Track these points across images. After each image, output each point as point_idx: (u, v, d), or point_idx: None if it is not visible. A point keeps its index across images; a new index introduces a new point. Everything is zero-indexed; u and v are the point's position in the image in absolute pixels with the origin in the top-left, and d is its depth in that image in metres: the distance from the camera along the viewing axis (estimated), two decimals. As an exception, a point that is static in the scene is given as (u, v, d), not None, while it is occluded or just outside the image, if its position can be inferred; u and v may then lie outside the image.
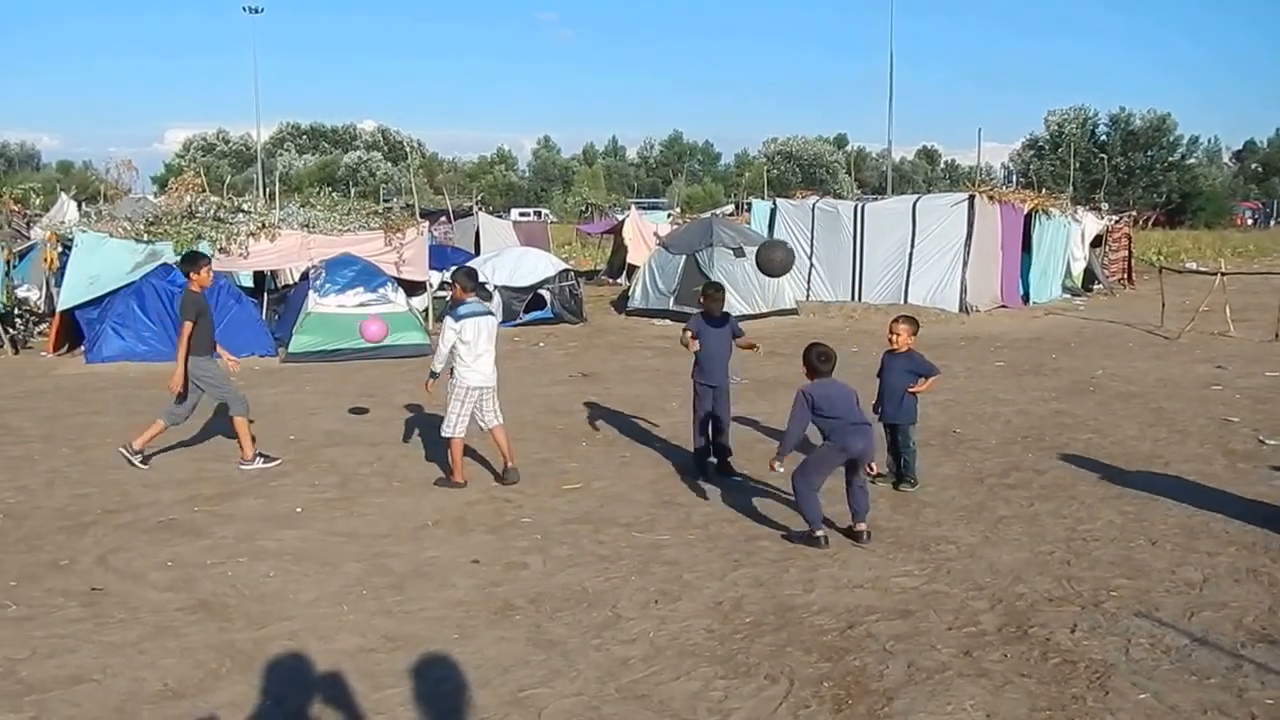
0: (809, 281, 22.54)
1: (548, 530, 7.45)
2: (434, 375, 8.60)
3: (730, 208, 36.08)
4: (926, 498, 8.17)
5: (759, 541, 7.16)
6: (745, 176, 67.37)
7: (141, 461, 9.16)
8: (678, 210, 45.76)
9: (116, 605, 6.01)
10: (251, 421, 9.58)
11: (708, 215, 29.43)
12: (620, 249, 29.87)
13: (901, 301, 20.94)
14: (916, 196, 25.32)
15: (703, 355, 8.91)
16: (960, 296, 20.88)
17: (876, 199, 27.57)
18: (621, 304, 22.65)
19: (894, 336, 8.38)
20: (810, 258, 22.39)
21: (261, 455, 9.35)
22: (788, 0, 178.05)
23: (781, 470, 7.14)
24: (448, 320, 8.49)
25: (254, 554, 6.88)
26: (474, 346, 8.43)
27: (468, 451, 9.04)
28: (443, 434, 8.73)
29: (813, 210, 22.98)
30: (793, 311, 20.80)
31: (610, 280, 29.25)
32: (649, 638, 5.53)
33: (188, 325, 8.98)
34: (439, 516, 7.75)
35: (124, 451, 9.18)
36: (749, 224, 23.52)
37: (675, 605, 6.00)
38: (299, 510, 7.89)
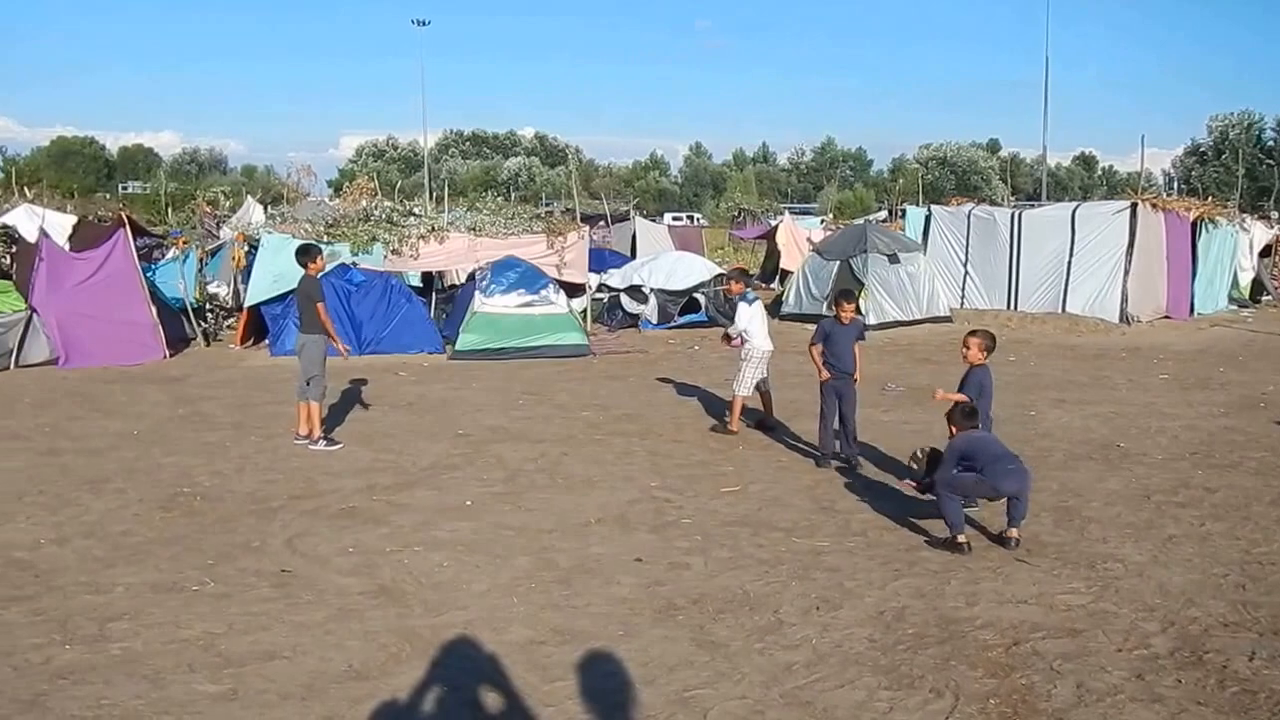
0: (963, 288, 22.00)
1: (708, 532, 7.53)
2: (729, 338, 11.19)
3: (883, 214, 35.47)
4: (1091, 513, 7.90)
5: (919, 552, 7.07)
6: (899, 182, 66.10)
7: (329, 444, 9.77)
8: (830, 216, 45.23)
9: (304, 587, 6.38)
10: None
11: (861, 221, 29.05)
12: (773, 254, 29.79)
13: (1059, 310, 20.36)
14: (1076, 204, 24.64)
15: (831, 352, 9.51)
16: (1121, 306, 20.05)
17: (1033, 206, 26.73)
18: (775, 309, 22.58)
19: (965, 350, 8.18)
20: (965, 265, 21.89)
21: (325, 439, 10.09)
22: (942, 4, 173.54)
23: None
24: (743, 305, 10.76)
25: (429, 543, 7.19)
26: (763, 324, 10.80)
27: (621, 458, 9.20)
28: (735, 391, 10.73)
29: (968, 217, 22.42)
30: (947, 319, 20.32)
31: (763, 285, 29.19)
32: (812, 644, 5.54)
33: (318, 306, 10.03)
34: (602, 514, 7.92)
35: (315, 448, 9.77)
36: (903, 230, 23.12)
37: (837, 613, 5.99)
38: (469, 503, 8.20)
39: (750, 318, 10.67)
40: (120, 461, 9.52)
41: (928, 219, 23.16)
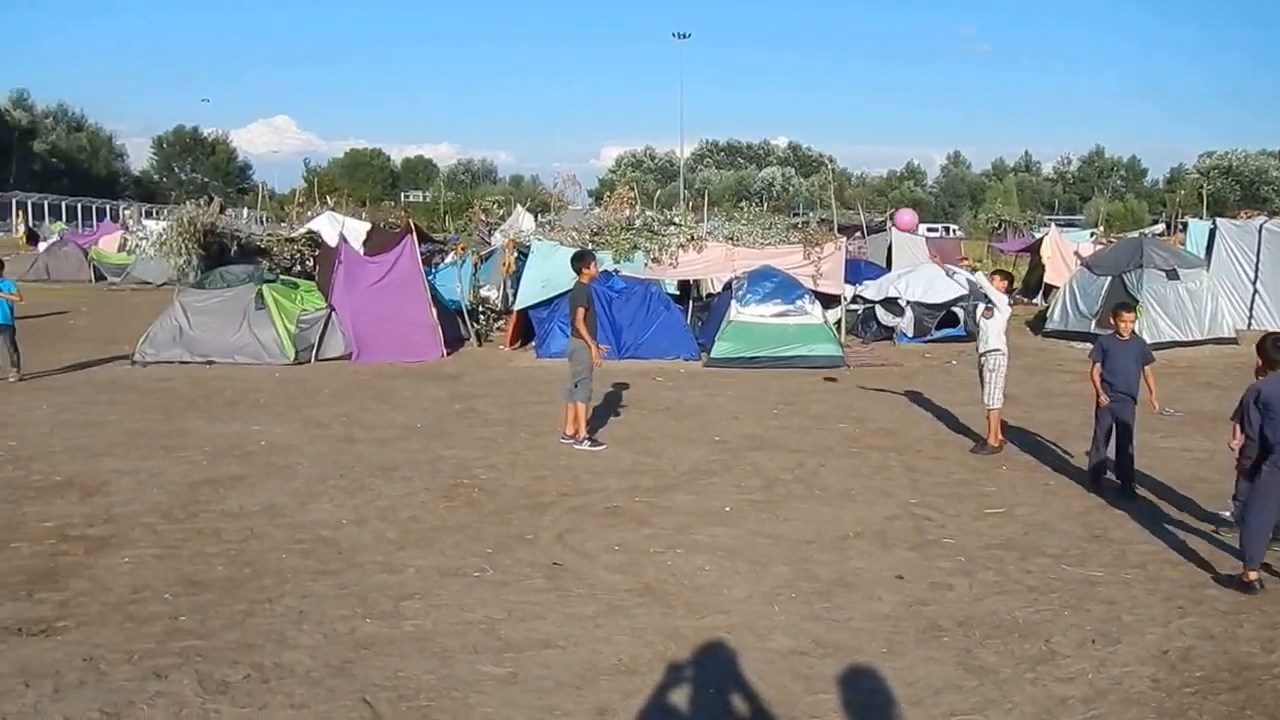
0: (1251, 308, 20.20)
1: (971, 553, 7.34)
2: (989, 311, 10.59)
3: (1160, 227, 33.05)
4: None
5: (1205, 589, 6.62)
6: (1178, 194, 61.34)
7: (593, 445, 10.21)
8: (1101, 229, 42.66)
9: (574, 581, 6.71)
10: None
11: (1136, 235, 27.21)
12: (1037, 267, 28.39)
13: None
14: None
15: (1109, 370, 9.04)
16: None
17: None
18: (1038, 324, 21.55)
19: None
20: (1254, 283, 20.09)
21: (590, 439, 10.42)
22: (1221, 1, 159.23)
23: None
24: (1004, 300, 10.49)
25: (690, 546, 7.39)
26: (1008, 338, 10.55)
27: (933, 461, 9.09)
28: (988, 405, 10.44)
29: (1259, 231, 20.56)
30: (1232, 340, 18.69)
31: (1025, 300, 27.88)
32: (1088, 678, 5.31)
33: (580, 311, 10.37)
34: (860, 528, 7.87)
35: (579, 447, 10.22)
36: (1183, 245, 21.48)
37: (1114, 648, 5.70)
38: (728, 509, 8.35)
39: (1001, 318, 10.46)
40: (406, 452, 10.30)
41: (1212, 233, 21.48)
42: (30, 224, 57.95)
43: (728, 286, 17.80)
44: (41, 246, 40.34)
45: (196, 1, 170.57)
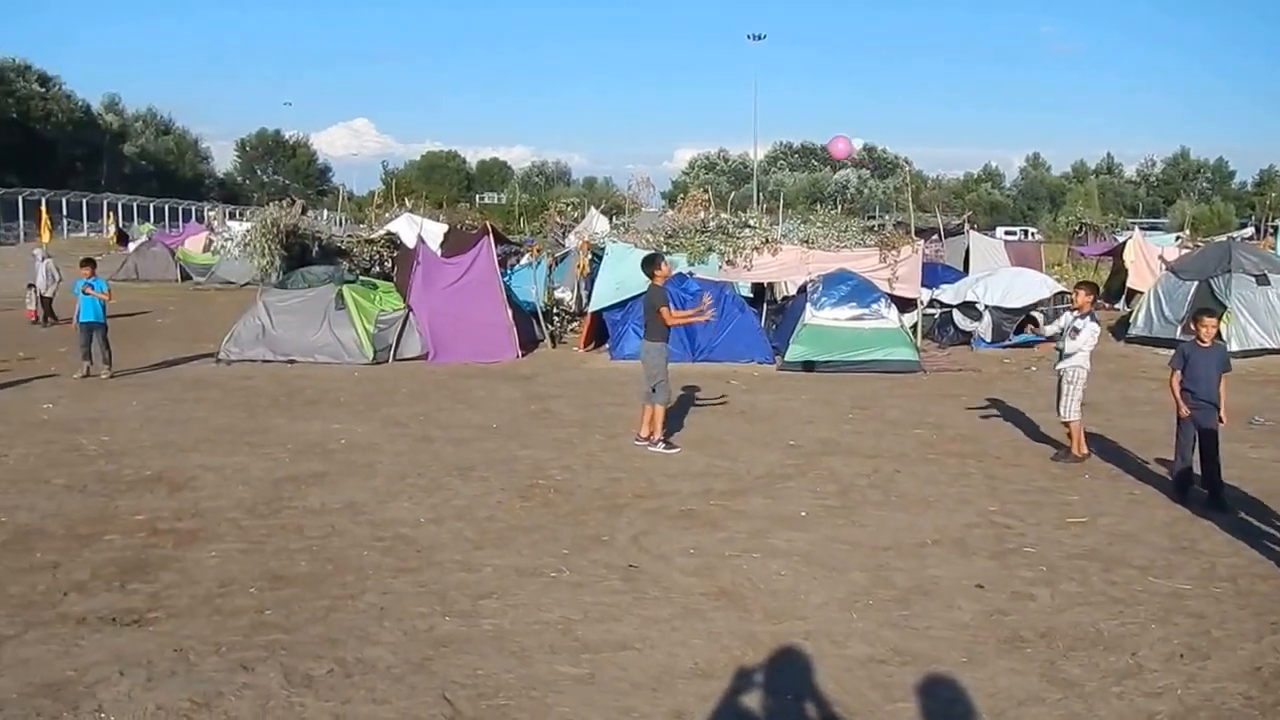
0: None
1: (1052, 563, 7.19)
2: (1048, 338, 10.61)
3: (1249, 230, 32.06)
4: None
5: (1302, 607, 6.40)
6: (1269, 196, 59.42)
7: (667, 448, 10.23)
8: (1187, 233, 41.55)
9: (650, 583, 6.73)
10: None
11: (1224, 239, 26.42)
12: (1119, 272, 27.74)
13: None
14: None
15: (1189, 378, 8.78)
16: None
17: None
18: (1120, 330, 21.03)
19: None
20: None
21: (665, 442, 10.42)
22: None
23: None
24: (1090, 323, 10.17)
25: (765, 551, 7.36)
26: (1097, 346, 10.35)
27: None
28: (1066, 417, 10.20)
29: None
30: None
31: (1106, 305, 27.25)
32: (1176, 694, 5.17)
33: (663, 310, 10.61)
34: (939, 536, 7.76)
35: (653, 449, 10.24)
36: (1273, 249, 20.77)
37: (1204, 663, 5.54)
38: (803, 514, 8.30)
39: (1091, 337, 10.20)
40: (483, 452, 10.42)
41: (1307, 236, 20.77)
42: (120, 225, 59.75)
43: (802, 289, 17.70)
44: (131, 247, 41.64)
45: (280, 7, 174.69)
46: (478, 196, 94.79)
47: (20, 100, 78.12)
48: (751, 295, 19.97)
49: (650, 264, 10.97)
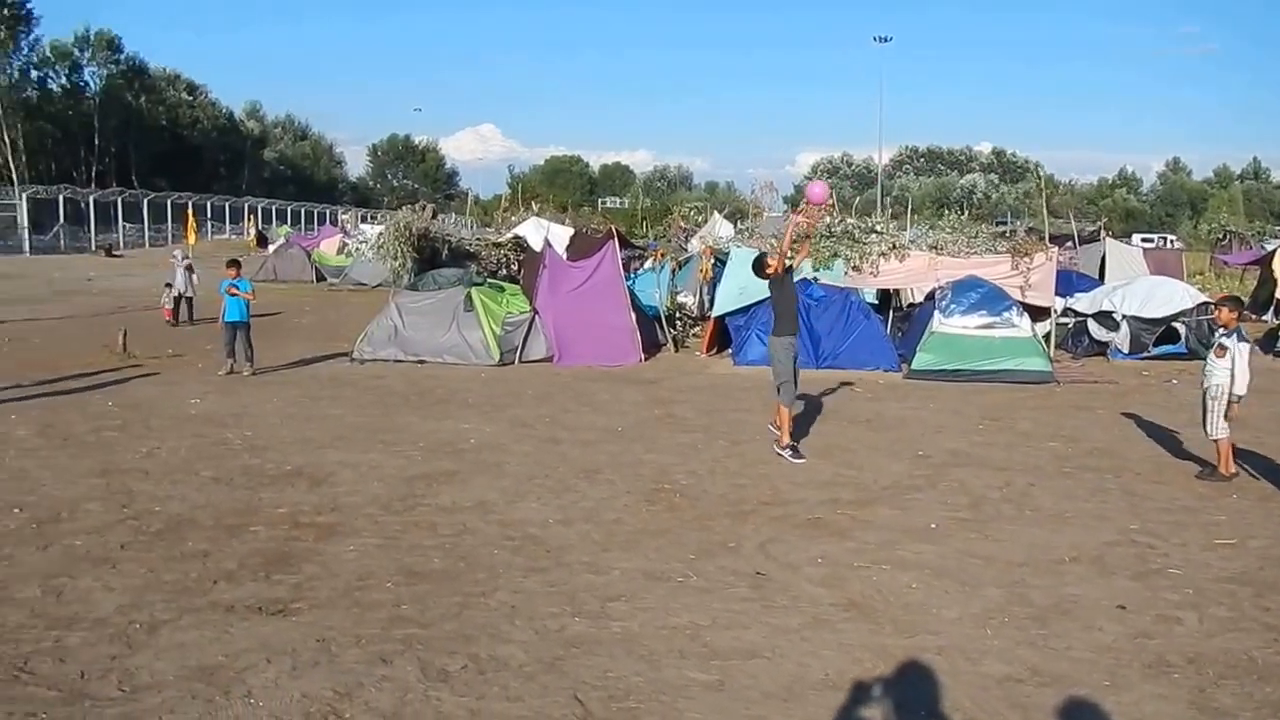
0: None
1: (1200, 586, 6.87)
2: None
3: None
4: None
5: None
6: None
7: (793, 455, 10.14)
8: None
9: (778, 591, 6.68)
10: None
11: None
12: (1267, 282, 26.36)
13: None
14: None
15: None
16: None
17: None
18: (1269, 343, 19.99)
19: None
20: None
21: (792, 448, 10.20)
22: None
23: None
24: (1239, 344, 9.63)
25: (895, 563, 7.23)
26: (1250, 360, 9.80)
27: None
28: (1211, 436, 9.78)
29: None
30: None
31: (1254, 316, 25.93)
32: (1340, 731, 4.89)
33: (776, 260, 10.60)
34: (1076, 553, 7.50)
35: (781, 453, 10.17)
36: None
37: (1370, 700, 5.23)
38: (934, 526, 8.12)
39: (1240, 358, 9.63)
40: (608, 454, 10.51)
41: None
42: (260, 227, 62.37)
43: (930, 296, 17.34)
44: (270, 249, 43.38)
45: (411, 15, 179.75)
46: (600, 200, 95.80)
47: (170, 108, 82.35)
48: (877, 302, 19.68)
49: (759, 263, 10.99)
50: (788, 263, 10.97)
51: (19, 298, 27.18)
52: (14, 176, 58.18)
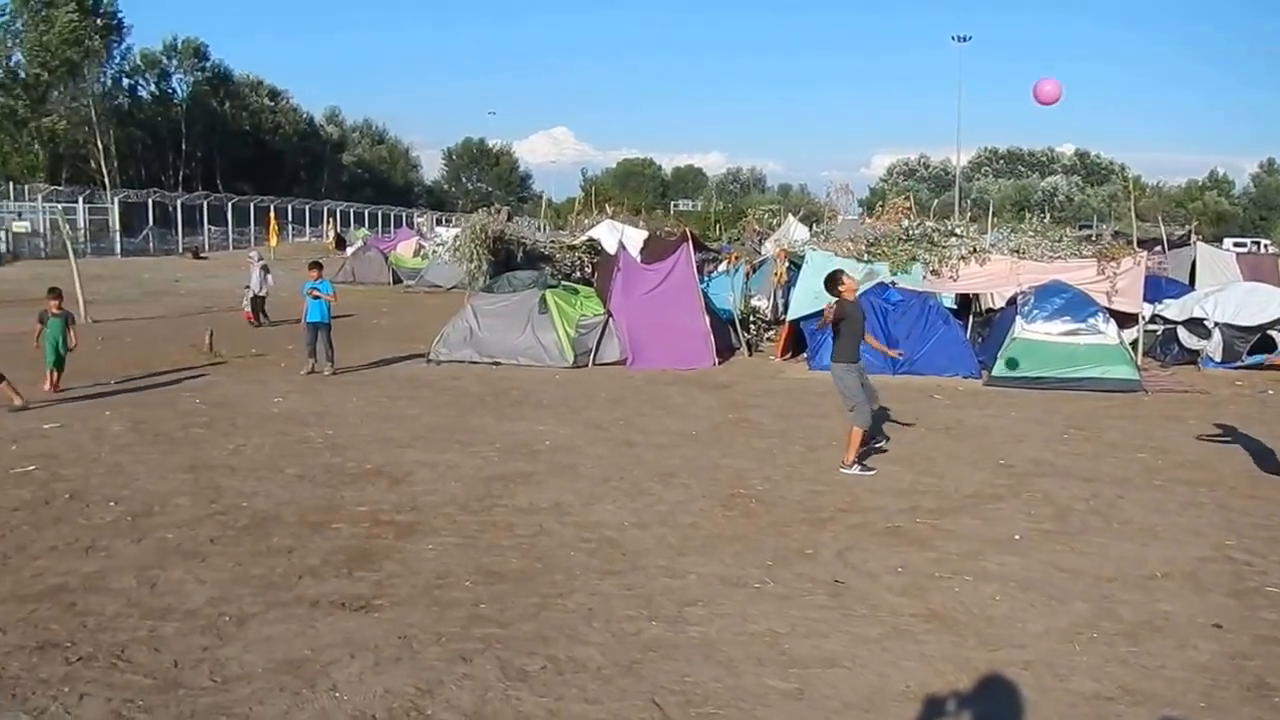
0: None
1: (1302, 606, 6.62)
2: None
3: None
4: None
5: None
6: None
7: (863, 470, 9.95)
8: None
9: (857, 600, 6.59)
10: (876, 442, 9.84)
11: None
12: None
13: None
14: None
15: None
16: None
17: None
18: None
19: None
20: None
21: (860, 464, 9.95)
22: None
23: None
24: None
25: (978, 574, 7.08)
26: None
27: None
28: None
29: None
30: None
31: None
32: None
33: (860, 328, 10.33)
34: (1168, 569, 7.28)
35: (848, 472, 9.96)
36: None
37: None
38: (1018, 537, 7.94)
39: None
40: (683, 458, 10.48)
41: None
42: (338, 230, 63.54)
43: (1012, 301, 16.99)
44: (348, 251, 44.15)
45: (484, 21, 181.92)
46: (673, 203, 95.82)
47: (253, 114, 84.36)
48: (956, 306, 19.35)
49: (833, 281, 10.49)
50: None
51: (112, 298, 28.03)
52: (106, 181, 60.07)
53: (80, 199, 50.27)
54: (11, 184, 50.76)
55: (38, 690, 5.11)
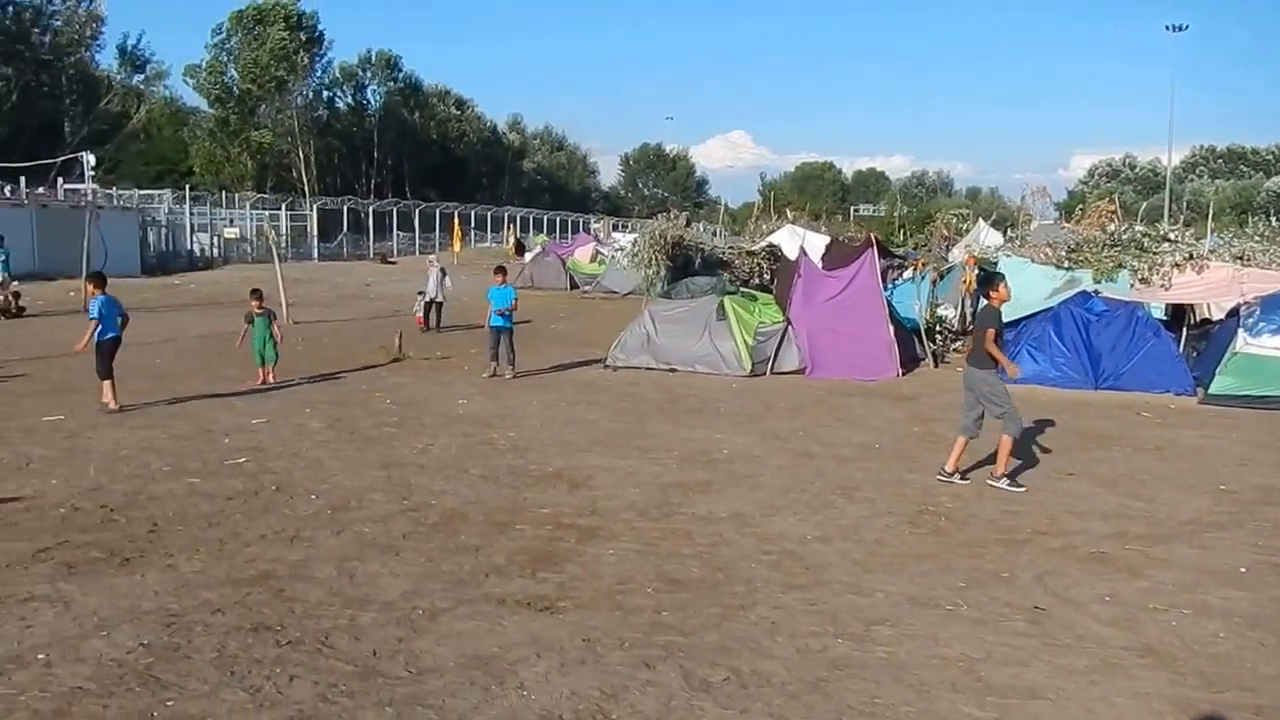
0: None
1: None
2: None
3: None
4: None
5: None
6: None
7: (1011, 485, 9.48)
8: None
9: (1060, 628, 6.18)
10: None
11: None
12: None
13: None
14: None
15: None
16: None
17: None
18: None
19: None
20: None
21: (1009, 479, 9.47)
22: None
23: None
24: None
25: (1197, 608, 6.54)
26: None
27: None
28: None
29: None
30: None
31: None
32: None
33: (990, 332, 9.63)
34: None
35: (998, 485, 9.47)
36: None
37: None
38: (1243, 570, 7.31)
39: None
40: (866, 472, 10.16)
41: None
42: (518, 235, 65.25)
43: (1233, 313, 15.75)
44: (527, 257, 45.18)
45: (663, 25, 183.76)
46: (852, 208, 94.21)
47: (440, 123, 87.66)
48: (1167, 318, 18.12)
49: (988, 283, 10.31)
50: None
51: (311, 301, 29.56)
52: (305, 189, 63.69)
53: (283, 206, 53.38)
54: (224, 192, 54.32)
55: (253, 670, 5.35)
